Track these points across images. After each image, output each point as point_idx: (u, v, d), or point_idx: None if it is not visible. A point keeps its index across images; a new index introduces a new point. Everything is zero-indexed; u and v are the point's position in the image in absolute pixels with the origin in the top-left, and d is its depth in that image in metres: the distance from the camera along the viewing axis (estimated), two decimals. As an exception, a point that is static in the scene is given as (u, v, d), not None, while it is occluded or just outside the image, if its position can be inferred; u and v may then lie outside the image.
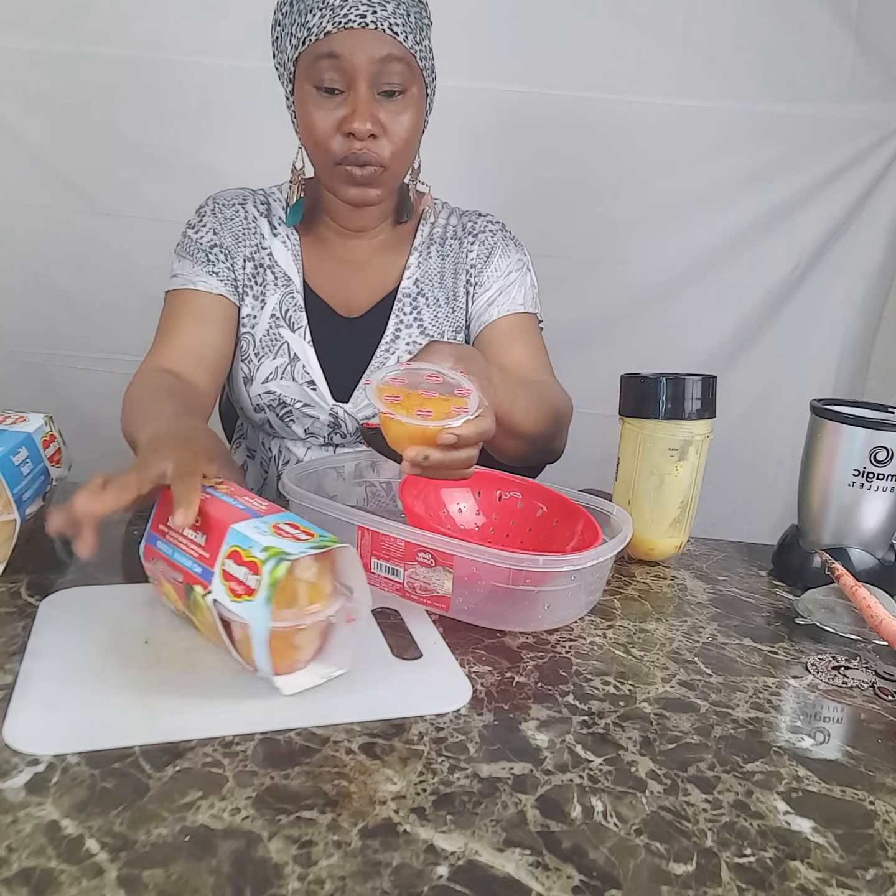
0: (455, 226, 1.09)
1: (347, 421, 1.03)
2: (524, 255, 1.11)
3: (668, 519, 0.85)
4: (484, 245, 1.07)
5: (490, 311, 1.06)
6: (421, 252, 1.06)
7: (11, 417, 0.80)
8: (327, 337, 1.02)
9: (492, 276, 1.07)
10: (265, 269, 1.02)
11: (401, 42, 0.88)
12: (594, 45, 1.50)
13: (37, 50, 1.50)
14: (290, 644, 0.56)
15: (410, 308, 1.04)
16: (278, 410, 1.03)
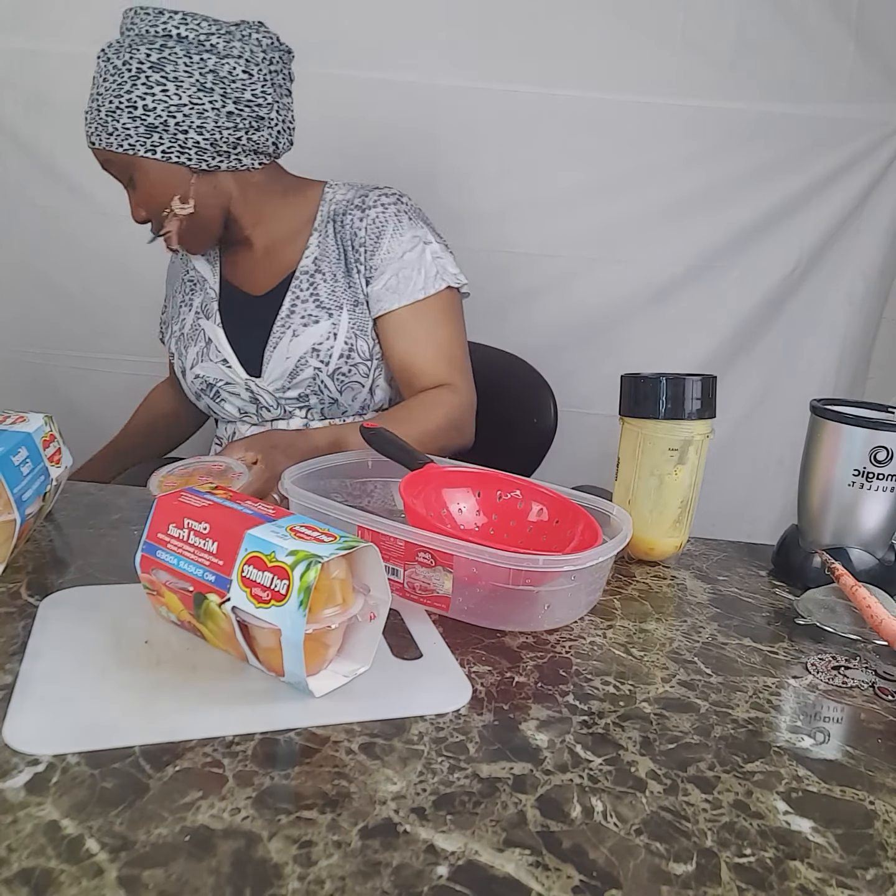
0: (349, 202, 1.12)
1: (264, 395, 1.12)
2: (420, 229, 1.11)
3: (668, 519, 0.85)
4: (374, 223, 1.09)
5: (390, 298, 1.09)
6: (320, 231, 1.11)
7: (11, 417, 0.80)
8: (235, 317, 1.14)
9: (385, 258, 1.08)
10: (191, 282, 1.20)
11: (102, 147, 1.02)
12: (594, 45, 1.50)
13: (37, 50, 1.50)
14: (321, 644, 0.56)
15: (308, 284, 1.09)
16: (209, 393, 1.16)
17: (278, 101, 1.05)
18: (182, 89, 0.98)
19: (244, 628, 0.56)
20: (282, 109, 1.05)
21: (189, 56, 0.98)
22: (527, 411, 1.16)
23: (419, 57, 1.51)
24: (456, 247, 1.20)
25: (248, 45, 1.01)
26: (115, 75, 0.99)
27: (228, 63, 0.99)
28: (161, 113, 0.98)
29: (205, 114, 0.99)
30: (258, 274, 1.14)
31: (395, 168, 1.54)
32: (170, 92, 0.97)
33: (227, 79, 0.99)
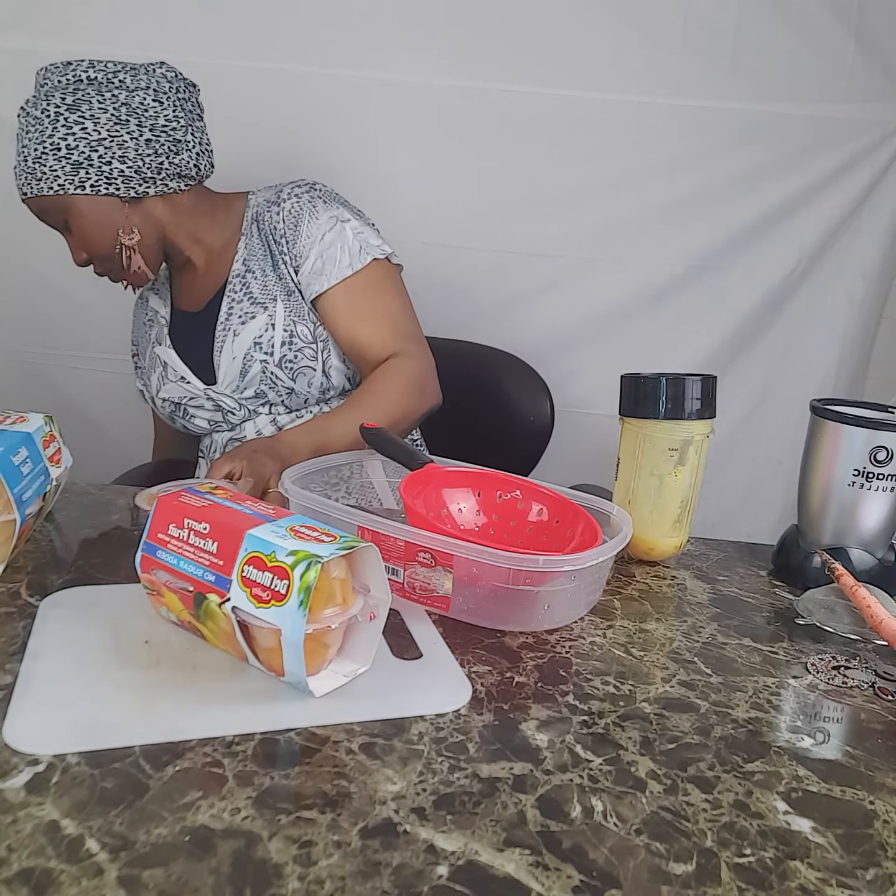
0: (267, 199, 1.16)
1: (224, 399, 1.15)
2: (336, 209, 1.14)
3: (668, 519, 0.85)
4: (290, 213, 1.12)
5: (320, 280, 1.11)
6: (247, 234, 1.15)
7: (11, 417, 0.80)
8: (183, 336, 1.20)
9: (307, 244, 1.11)
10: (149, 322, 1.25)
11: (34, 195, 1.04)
12: (594, 45, 1.50)
13: (37, 50, 1.50)
14: (321, 644, 0.56)
15: (240, 286, 1.13)
16: (178, 413, 1.20)
17: (191, 125, 1.09)
18: (100, 124, 1.02)
19: (244, 628, 0.56)
20: (196, 132, 1.10)
21: (101, 94, 1.03)
22: (523, 410, 1.16)
23: (419, 57, 1.51)
24: (456, 247, 1.20)
25: (154, 77, 1.07)
26: (35, 125, 1.03)
27: (138, 95, 1.04)
28: (84, 149, 1.02)
29: (125, 144, 1.04)
30: (198, 291, 1.18)
31: (393, 167, 1.55)
32: (88, 129, 1.02)
33: (140, 108, 1.04)
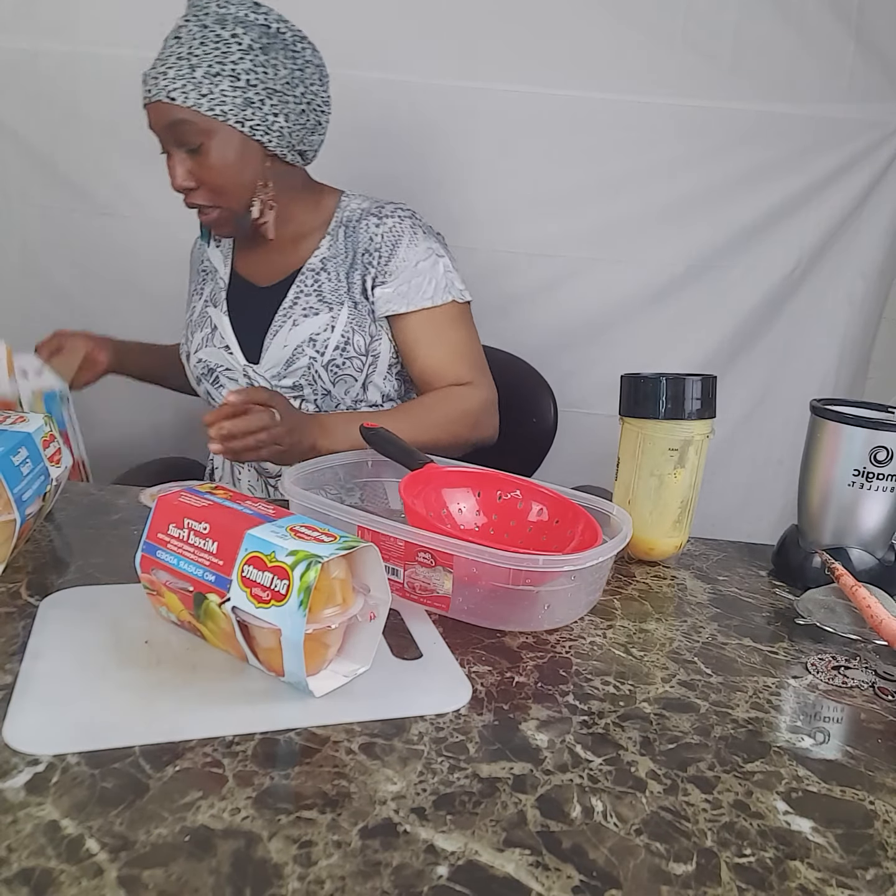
0: (364, 210, 1.17)
1: (260, 381, 1.15)
2: (434, 243, 1.16)
3: (668, 519, 0.85)
4: (391, 231, 1.14)
5: (400, 303, 1.13)
6: (333, 236, 1.16)
7: (11, 417, 0.80)
8: (241, 307, 1.19)
9: (400, 266, 1.13)
10: (204, 272, 1.25)
11: (178, 105, 1.01)
12: (594, 45, 1.50)
13: (37, 50, 1.50)
14: (321, 644, 0.56)
15: (312, 280, 1.14)
16: (208, 378, 1.19)
17: (329, 114, 1.14)
18: (279, 77, 1.05)
19: (244, 628, 0.56)
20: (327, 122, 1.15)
21: (286, 51, 1.07)
22: (526, 411, 1.17)
23: (419, 57, 1.51)
24: (456, 247, 1.20)
25: (321, 60, 1.12)
26: (217, 43, 1.02)
27: (310, 68, 1.09)
28: (261, 91, 1.04)
29: (289, 104, 1.07)
30: (267, 267, 1.18)
31: (394, 168, 1.55)
32: (270, 75, 1.04)
33: (307, 80, 1.09)
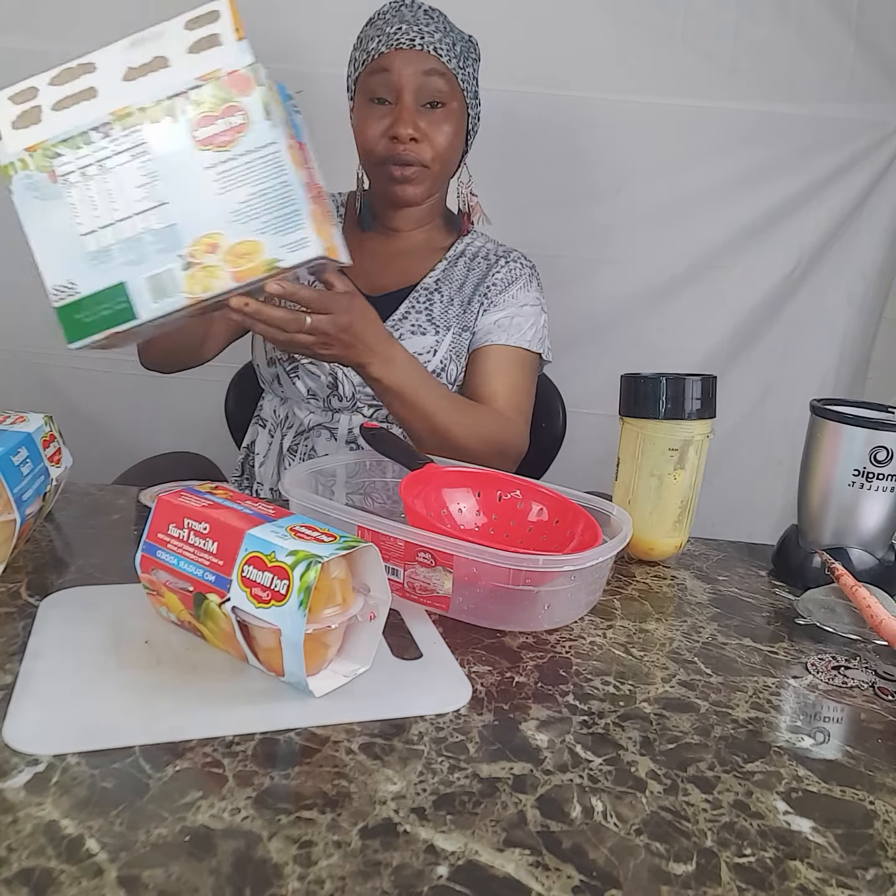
0: (490, 250, 1.20)
1: (345, 383, 1.12)
2: (543, 297, 1.20)
3: (668, 519, 0.85)
4: (511, 272, 1.17)
5: (497, 333, 1.13)
6: (450, 261, 1.18)
7: (11, 417, 0.80)
8: None
9: (508, 301, 1.15)
10: None
11: (444, 62, 1.04)
12: (594, 45, 1.50)
13: (37, 50, 1.50)
14: (321, 644, 0.56)
15: (425, 299, 1.14)
16: (287, 365, 1.14)
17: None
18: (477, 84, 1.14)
19: (244, 628, 0.56)
20: None
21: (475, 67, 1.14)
22: (535, 415, 1.17)
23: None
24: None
25: None
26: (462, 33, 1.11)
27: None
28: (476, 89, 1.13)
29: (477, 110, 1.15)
30: (378, 276, 1.16)
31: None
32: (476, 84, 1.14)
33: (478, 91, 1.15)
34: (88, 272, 0.72)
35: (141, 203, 0.71)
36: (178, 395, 1.57)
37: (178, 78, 0.70)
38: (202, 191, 0.70)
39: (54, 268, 0.74)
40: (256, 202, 0.71)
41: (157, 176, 0.70)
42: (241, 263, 0.72)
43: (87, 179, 0.71)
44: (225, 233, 0.71)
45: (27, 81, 0.70)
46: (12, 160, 0.70)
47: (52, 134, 0.70)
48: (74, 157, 0.70)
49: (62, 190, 0.71)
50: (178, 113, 0.70)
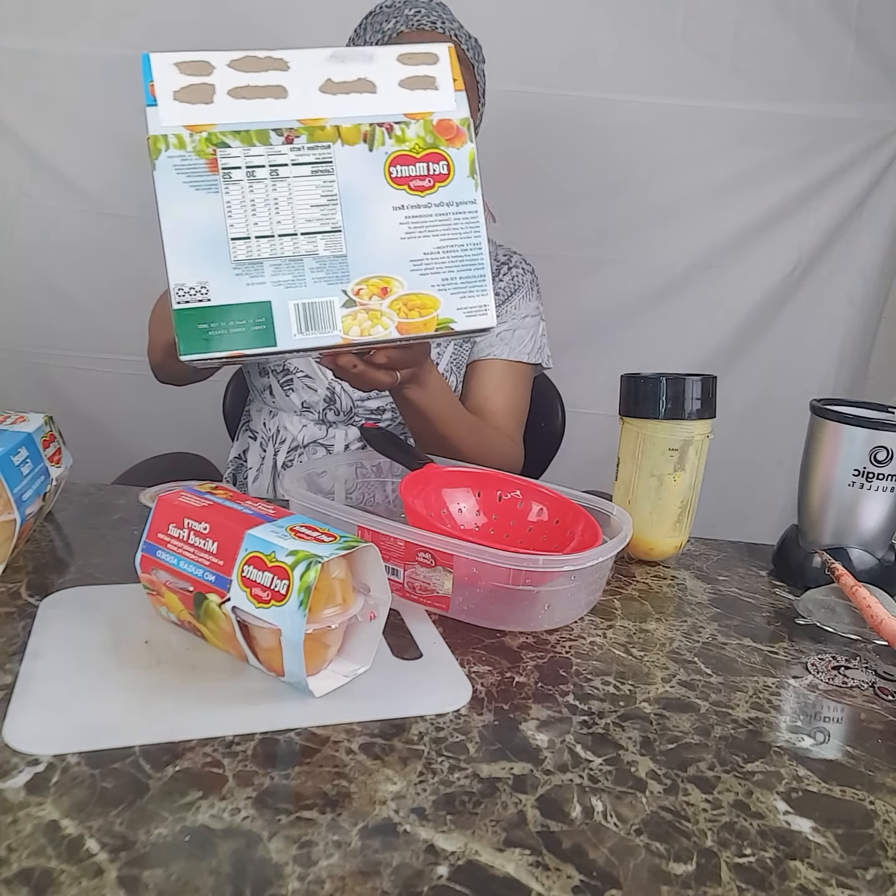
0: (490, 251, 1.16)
1: (342, 398, 1.10)
2: (541, 304, 1.19)
3: (668, 519, 0.85)
4: (514, 280, 1.16)
5: (500, 346, 1.13)
6: None
7: (11, 417, 0.80)
8: None
9: (511, 311, 1.14)
10: None
11: (464, 49, 1.01)
12: (594, 45, 1.50)
13: (37, 50, 1.50)
14: (321, 644, 0.56)
15: None
16: (280, 377, 1.11)
17: None
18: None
19: (244, 628, 0.56)
20: None
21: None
22: (534, 415, 1.17)
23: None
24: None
25: None
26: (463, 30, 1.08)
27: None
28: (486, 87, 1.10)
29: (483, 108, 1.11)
30: None
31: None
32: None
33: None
34: (228, 280, 0.63)
35: (312, 224, 0.64)
36: (177, 395, 1.56)
37: (383, 107, 0.66)
38: (384, 230, 0.65)
39: (186, 264, 0.63)
40: (443, 257, 0.66)
41: (336, 200, 0.64)
42: (412, 316, 0.66)
43: (252, 181, 0.63)
44: (401, 280, 0.66)
45: (200, 53, 0.63)
46: (166, 133, 0.62)
47: (224, 120, 0.63)
48: (244, 153, 0.63)
49: (220, 183, 0.63)
50: (376, 142, 0.65)
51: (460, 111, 0.68)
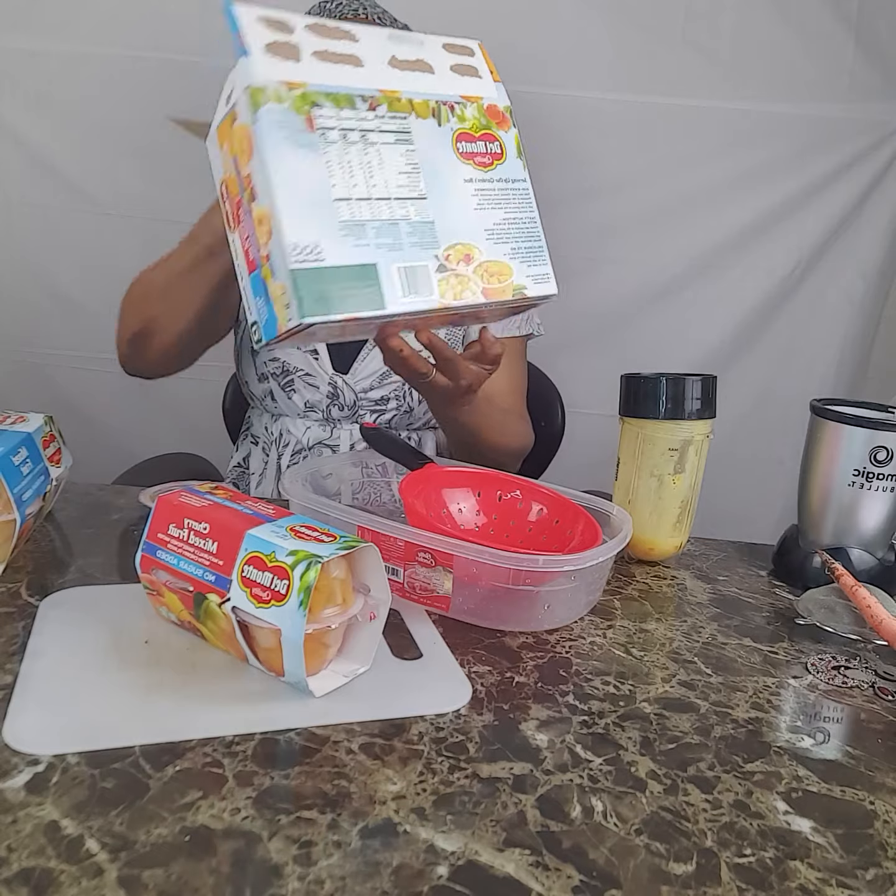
0: None
1: (345, 391, 1.10)
2: None
3: (668, 519, 0.85)
4: None
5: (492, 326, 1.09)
6: None
7: (11, 417, 0.80)
8: None
9: None
10: None
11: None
12: (594, 44, 1.50)
13: (37, 50, 1.50)
14: (321, 644, 0.56)
15: None
16: (281, 379, 1.10)
17: None
18: None
19: (244, 628, 0.56)
20: None
21: None
22: (534, 414, 1.17)
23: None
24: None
25: None
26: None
27: None
28: None
29: None
30: None
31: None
32: None
33: None
34: (337, 241, 0.62)
35: (401, 189, 0.66)
36: (177, 395, 1.56)
37: (442, 88, 0.69)
38: (460, 200, 0.68)
39: (299, 223, 0.61)
40: (509, 227, 0.70)
41: (419, 169, 0.67)
42: (492, 282, 0.69)
43: (347, 144, 0.63)
44: (480, 247, 0.68)
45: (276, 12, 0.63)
46: (265, 86, 0.60)
47: (315, 81, 0.63)
48: (336, 115, 0.63)
49: (319, 143, 0.62)
50: (442, 118, 0.68)
51: (502, 99, 0.75)
